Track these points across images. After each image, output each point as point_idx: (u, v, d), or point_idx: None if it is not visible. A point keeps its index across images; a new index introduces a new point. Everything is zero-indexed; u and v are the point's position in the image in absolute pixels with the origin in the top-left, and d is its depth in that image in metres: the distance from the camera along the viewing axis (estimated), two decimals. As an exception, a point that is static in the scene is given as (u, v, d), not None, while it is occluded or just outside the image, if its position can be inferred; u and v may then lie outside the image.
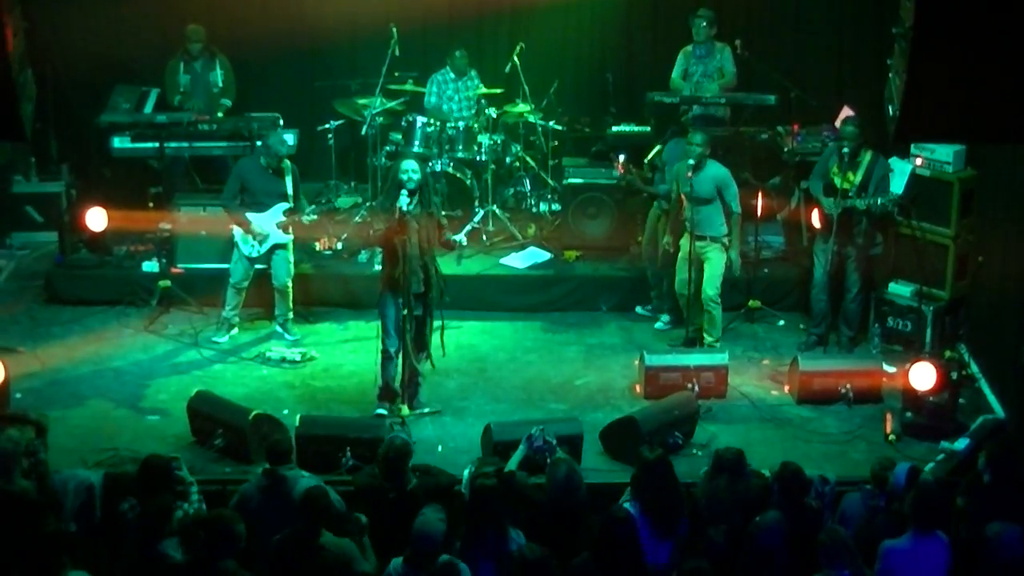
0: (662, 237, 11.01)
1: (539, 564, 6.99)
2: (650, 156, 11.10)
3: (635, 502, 7.61)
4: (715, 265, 10.55)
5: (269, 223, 10.69)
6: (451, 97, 12.66)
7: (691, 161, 10.36)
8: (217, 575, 6.97)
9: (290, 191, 10.73)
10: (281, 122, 12.25)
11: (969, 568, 7.45)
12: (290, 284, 10.90)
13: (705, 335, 10.67)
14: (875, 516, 7.79)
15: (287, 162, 10.81)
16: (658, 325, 11.38)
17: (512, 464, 8.16)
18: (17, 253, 12.41)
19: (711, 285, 10.54)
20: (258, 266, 10.87)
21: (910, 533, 7.35)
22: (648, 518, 7.48)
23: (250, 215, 10.68)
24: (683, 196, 10.48)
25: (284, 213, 10.68)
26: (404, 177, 9.48)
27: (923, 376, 9.54)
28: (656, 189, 11.11)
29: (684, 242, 10.73)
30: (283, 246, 10.78)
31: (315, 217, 10.74)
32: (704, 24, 12.11)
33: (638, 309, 11.62)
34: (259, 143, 11.19)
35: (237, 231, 10.73)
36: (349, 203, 11.01)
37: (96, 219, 11.39)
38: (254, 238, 10.70)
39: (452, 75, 12.64)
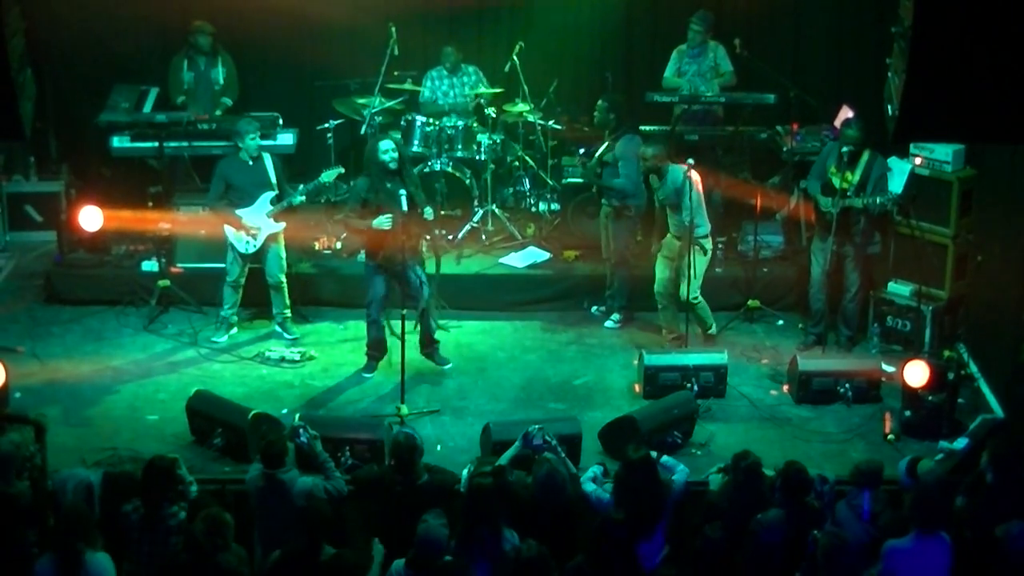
0: (613, 233, 11.12)
1: (535, 562, 7.00)
2: (600, 151, 11.09)
3: (615, 500, 7.62)
4: (693, 267, 10.52)
5: (259, 215, 10.68)
6: (446, 93, 12.67)
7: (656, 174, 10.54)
8: (218, 573, 6.98)
9: (273, 179, 10.72)
10: (280, 121, 12.26)
11: (974, 568, 7.46)
12: (283, 279, 10.89)
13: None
14: (860, 516, 7.81)
15: (264, 152, 10.80)
16: (608, 324, 11.37)
17: (503, 460, 8.17)
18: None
19: (689, 289, 10.53)
20: (252, 265, 10.86)
21: (913, 533, 7.35)
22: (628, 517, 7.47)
23: (239, 211, 10.67)
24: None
25: (271, 201, 10.67)
26: (386, 158, 9.68)
27: (916, 374, 9.54)
28: (611, 183, 11.00)
29: (664, 241, 10.77)
30: (275, 239, 10.76)
31: (303, 198, 10.76)
32: (699, 30, 12.17)
33: (593, 309, 11.60)
34: (235, 139, 11.03)
35: (230, 230, 10.71)
36: (333, 175, 10.96)
37: (90, 218, 11.24)
38: (247, 233, 10.69)
39: (446, 71, 12.65)
